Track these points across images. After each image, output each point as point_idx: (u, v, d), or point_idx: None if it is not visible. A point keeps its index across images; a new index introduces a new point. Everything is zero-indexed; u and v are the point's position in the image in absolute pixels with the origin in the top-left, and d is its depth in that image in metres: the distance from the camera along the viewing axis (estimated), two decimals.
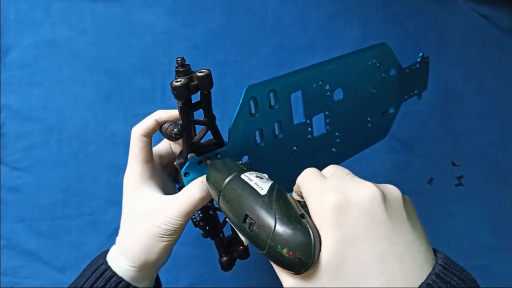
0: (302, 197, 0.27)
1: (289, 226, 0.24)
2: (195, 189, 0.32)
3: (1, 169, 0.50)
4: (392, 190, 0.26)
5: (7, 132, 0.50)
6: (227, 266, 0.39)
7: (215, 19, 0.51)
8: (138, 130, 0.35)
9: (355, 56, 0.43)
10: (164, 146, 0.39)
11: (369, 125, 0.47)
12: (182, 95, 0.30)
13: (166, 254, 0.34)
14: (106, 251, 0.34)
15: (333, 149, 0.45)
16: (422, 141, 0.55)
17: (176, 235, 0.33)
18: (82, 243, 0.51)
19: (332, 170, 0.28)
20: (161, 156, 0.38)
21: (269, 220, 0.24)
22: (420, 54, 0.50)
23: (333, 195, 0.24)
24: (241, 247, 0.40)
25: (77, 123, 0.50)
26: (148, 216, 0.33)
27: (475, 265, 0.56)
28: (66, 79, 0.50)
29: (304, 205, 0.26)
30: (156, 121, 0.35)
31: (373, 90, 0.46)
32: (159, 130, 0.35)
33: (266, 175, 0.30)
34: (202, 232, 0.38)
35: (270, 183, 0.28)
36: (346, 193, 0.24)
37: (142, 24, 0.50)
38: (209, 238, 0.40)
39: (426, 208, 0.55)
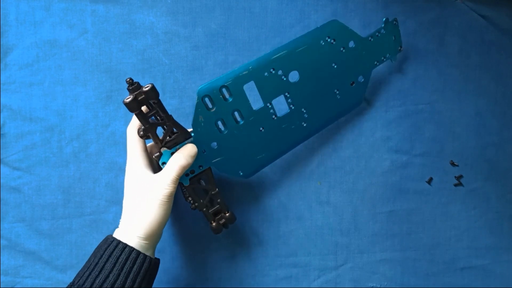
0: None
1: None
2: (178, 162, 0.41)
3: (2, 169, 0.50)
4: None
5: (7, 132, 0.50)
6: (217, 230, 0.47)
7: (215, 20, 0.51)
8: (131, 126, 0.43)
9: (303, 40, 0.46)
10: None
11: (338, 96, 0.49)
12: (133, 108, 0.38)
13: (165, 221, 0.41)
14: (110, 235, 0.41)
15: (303, 124, 0.48)
16: (421, 141, 0.55)
17: (170, 199, 0.40)
18: (83, 243, 0.51)
19: None
20: (152, 151, 0.46)
21: None
22: (384, 19, 0.51)
23: None
24: (227, 214, 0.47)
25: (78, 123, 0.50)
26: (147, 191, 0.40)
27: (474, 265, 0.56)
28: (66, 79, 0.50)
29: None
30: None
31: (333, 65, 0.48)
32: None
33: None
34: (190, 205, 0.46)
35: None
36: None
37: (142, 25, 0.50)
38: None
39: (425, 207, 0.56)
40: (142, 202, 0.40)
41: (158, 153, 0.42)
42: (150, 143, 0.46)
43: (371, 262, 0.55)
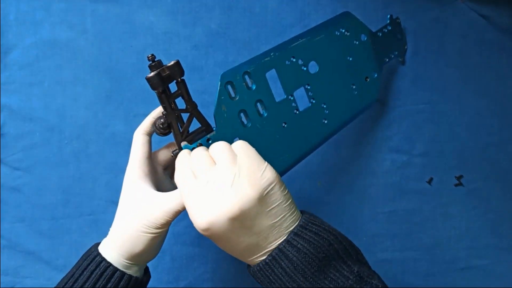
0: None
1: None
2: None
3: (2, 169, 0.50)
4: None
5: (7, 132, 0.50)
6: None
7: (215, 20, 0.51)
8: (138, 130, 0.39)
9: (320, 30, 0.45)
10: (164, 148, 0.42)
11: (355, 92, 0.49)
12: (156, 84, 0.35)
13: (153, 246, 0.37)
14: (99, 242, 0.38)
15: (324, 121, 0.46)
16: (422, 141, 0.55)
17: (162, 229, 0.36)
18: (83, 243, 0.50)
19: (219, 154, 0.33)
20: (161, 158, 0.42)
21: None
22: (388, 16, 0.52)
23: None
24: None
25: (78, 123, 0.50)
26: (137, 210, 0.36)
27: (474, 265, 0.56)
28: (66, 79, 0.50)
29: None
30: (152, 117, 0.39)
31: (348, 58, 0.47)
32: (154, 128, 0.38)
33: None
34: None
35: None
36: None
37: (142, 25, 0.50)
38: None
39: (425, 207, 0.56)
40: (129, 219, 0.36)
41: (177, 150, 0.38)
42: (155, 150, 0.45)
43: (371, 262, 0.54)
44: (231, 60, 0.52)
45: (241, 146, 0.34)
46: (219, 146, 0.34)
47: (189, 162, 0.34)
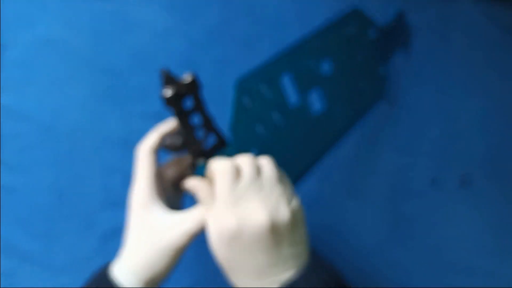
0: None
1: None
2: (201, 212, 0.34)
3: None
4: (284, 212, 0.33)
5: (2, 131, 0.49)
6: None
7: (214, 16, 0.51)
8: (145, 147, 0.36)
9: (331, 29, 0.45)
10: (171, 164, 0.40)
11: (364, 90, 0.48)
12: (174, 104, 0.33)
13: (172, 268, 0.35)
14: (107, 263, 0.35)
15: (336, 123, 0.46)
16: (424, 142, 0.56)
17: (183, 251, 0.35)
18: (78, 244, 0.50)
19: (249, 168, 0.32)
20: (169, 173, 0.39)
21: None
22: (397, 12, 0.53)
23: (230, 221, 0.31)
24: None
25: (74, 123, 0.50)
26: (154, 234, 0.34)
27: (477, 266, 0.56)
28: (63, 78, 0.50)
29: None
30: (160, 133, 0.37)
31: (358, 56, 0.47)
32: (168, 148, 0.36)
33: None
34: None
35: None
36: (242, 218, 0.31)
37: (139, 22, 0.50)
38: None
39: (428, 208, 0.56)
40: (146, 245, 0.34)
41: (193, 168, 0.36)
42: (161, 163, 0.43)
43: (373, 263, 0.55)
44: (230, 57, 0.52)
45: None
46: (266, 160, 0.34)
47: (234, 166, 0.33)
